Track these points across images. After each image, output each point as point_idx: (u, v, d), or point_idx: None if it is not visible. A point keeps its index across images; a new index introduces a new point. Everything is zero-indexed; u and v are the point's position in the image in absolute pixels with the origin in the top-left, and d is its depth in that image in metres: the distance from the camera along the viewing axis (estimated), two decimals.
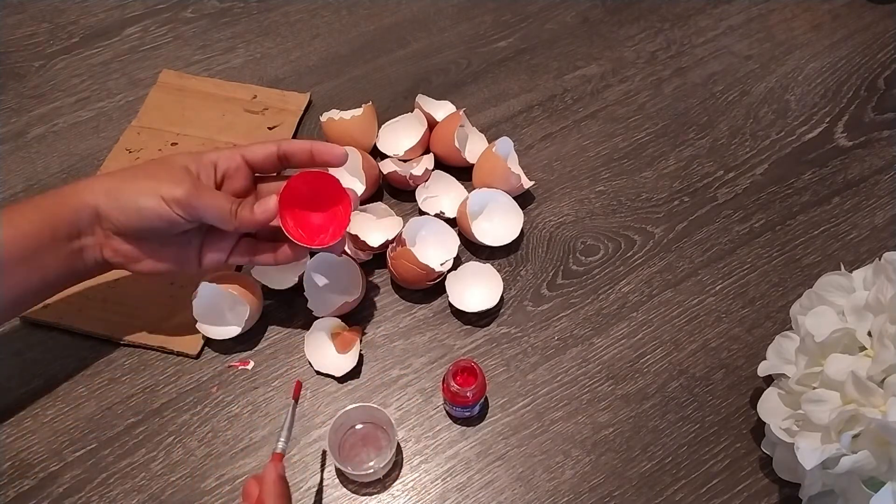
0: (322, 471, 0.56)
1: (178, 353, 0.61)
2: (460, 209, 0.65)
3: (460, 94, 0.77)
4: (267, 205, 0.52)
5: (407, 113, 0.72)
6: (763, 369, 0.54)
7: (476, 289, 0.63)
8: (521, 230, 0.65)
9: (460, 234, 0.66)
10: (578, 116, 0.76)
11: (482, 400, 0.56)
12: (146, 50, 0.81)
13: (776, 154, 0.74)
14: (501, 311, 0.63)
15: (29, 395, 0.59)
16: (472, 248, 0.67)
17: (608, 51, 0.81)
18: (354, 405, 0.54)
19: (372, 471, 0.54)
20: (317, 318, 0.60)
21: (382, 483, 0.55)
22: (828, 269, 0.57)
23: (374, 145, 0.71)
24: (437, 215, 0.65)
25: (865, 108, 0.77)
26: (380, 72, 0.79)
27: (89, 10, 0.84)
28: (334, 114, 0.70)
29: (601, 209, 0.70)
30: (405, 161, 0.70)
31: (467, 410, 0.56)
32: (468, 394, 0.54)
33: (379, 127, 0.72)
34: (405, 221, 0.64)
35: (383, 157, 0.71)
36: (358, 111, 0.70)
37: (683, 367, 0.61)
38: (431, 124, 0.70)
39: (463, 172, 0.70)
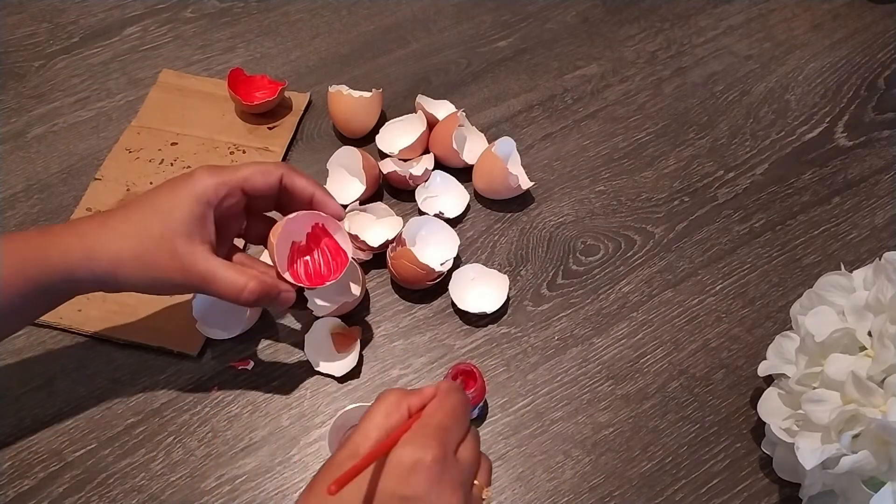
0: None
1: (178, 353, 0.60)
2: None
3: (460, 94, 0.77)
4: (288, 296, 0.51)
5: (408, 113, 0.73)
6: (763, 369, 0.54)
7: (480, 290, 0.63)
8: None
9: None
10: (578, 116, 0.76)
11: (481, 403, 0.56)
12: (146, 50, 0.81)
13: (776, 154, 0.74)
14: (501, 311, 0.63)
15: (29, 395, 0.59)
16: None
17: (608, 51, 0.81)
18: (354, 405, 0.54)
19: None
20: (317, 318, 0.60)
21: None
22: (828, 269, 0.57)
23: (375, 145, 0.72)
24: (437, 215, 0.65)
25: (865, 108, 0.77)
26: (380, 72, 0.79)
27: (89, 10, 0.84)
28: (343, 88, 0.70)
29: (601, 209, 0.70)
30: (405, 161, 0.70)
31: None
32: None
33: (384, 121, 0.73)
34: (405, 221, 0.64)
35: (383, 156, 0.71)
36: (367, 94, 0.71)
37: (683, 367, 0.61)
38: (433, 124, 0.71)
39: (463, 172, 0.70)
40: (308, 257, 0.55)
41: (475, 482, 0.42)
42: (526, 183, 0.68)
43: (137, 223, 0.48)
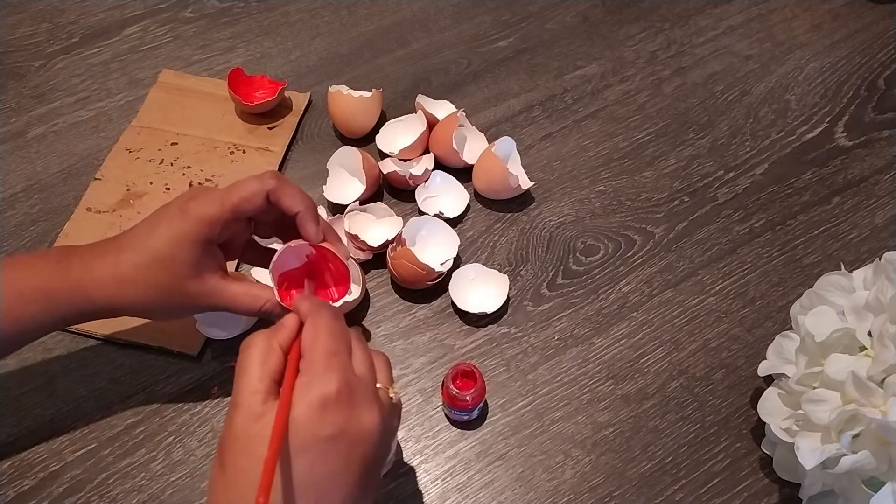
0: None
1: (178, 353, 0.61)
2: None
3: (460, 94, 0.77)
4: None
5: (408, 113, 0.73)
6: (763, 369, 0.54)
7: (480, 290, 0.63)
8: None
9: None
10: (578, 116, 0.76)
11: (481, 404, 0.56)
12: (146, 50, 0.81)
13: (776, 154, 0.74)
14: (501, 311, 0.63)
15: (29, 395, 0.59)
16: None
17: (608, 50, 0.81)
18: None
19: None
20: None
21: (383, 482, 0.55)
22: (828, 269, 0.57)
23: (375, 145, 0.72)
24: (437, 215, 0.65)
25: (865, 108, 0.77)
26: (380, 72, 0.79)
27: (89, 10, 0.84)
28: (343, 88, 0.70)
29: (601, 209, 0.70)
30: (405, 161, 0.70)
31: (466, 414, 0.56)
32: (467, 398, 0.53)
33: (384, 121, 0.73)
34: (405, 221, 0.64)
35: (383, 156, 0.71)
36: (367, 94, 0.71)
37: (683, 367, 0.61)
38: (433, 124, 0.71)
39: (463, 172, 0.70)
40: (314, 281, 0.53)
41: (379, 386, 0.41)
42: (526, 183, 0.68)
43: (146, 272, 0.48)
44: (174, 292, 0.49)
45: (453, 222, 0.67)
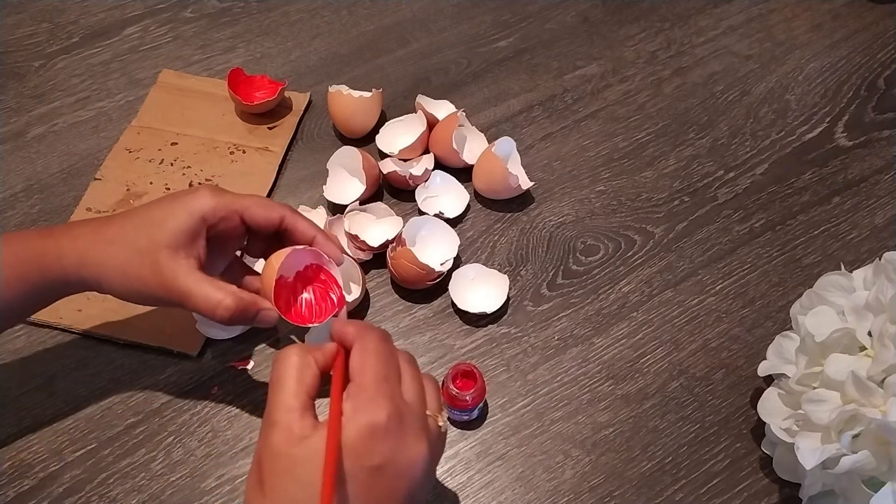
0: None
1: (178, 353, 0.60)
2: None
3: (460, 94, 0.77)
4: (269, 315, 0.49)
5: (408, 113, 0.73)
6: (763, 369, 0.54)
7: (480, 290, 0.63)
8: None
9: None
10: (578, 116, 0.76)
11: (481, 404, 0.56)
12: (146, 50, 0.81)
13: (776, 154, 0.74)
14: (501, 311, 0.63)
15: (29, 395, 0.59)
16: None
17: (608, 50, 0.81)
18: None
19: None
20: None
21: None
22: (828, 269, 0.57)
23: (375, 145, 0.72)
24: (437, 215, 0.65)
25: (865, 108, 0.77)
26: (380, 72, 0.79)
27: (89, 10, 0.84)
28: (343, 88, 0.70)
29: (601, 209, 0.70)
30: (405, 161, 0.70)
31: (466, 414, 0.56)
32: (467, 398, 0.54)
33: (384, 121, 0.73)
34: (405, 221, 0.64)
35: (383, 156, 0.71)
36: (367, 94, 0.71)
37: (683, 367, 0.61)
38: (433, 124, 0.71)
39: (463, 172, 0.70)
40: (303, 293, 0.53)
41: (427, 413, 0.40)
42: (526, 183, 0.68)
43: (129, 233, 0.48)
44: (145, 258, 0.47)
45: (453, 222, 0.67)
